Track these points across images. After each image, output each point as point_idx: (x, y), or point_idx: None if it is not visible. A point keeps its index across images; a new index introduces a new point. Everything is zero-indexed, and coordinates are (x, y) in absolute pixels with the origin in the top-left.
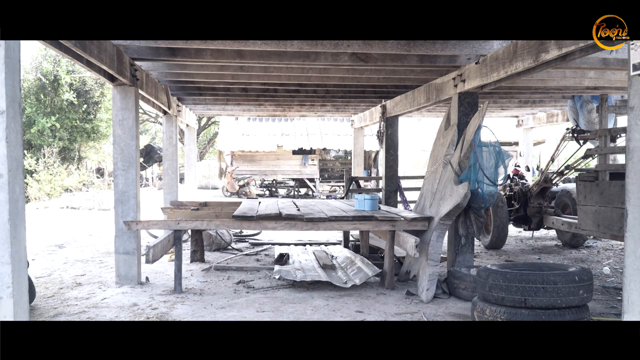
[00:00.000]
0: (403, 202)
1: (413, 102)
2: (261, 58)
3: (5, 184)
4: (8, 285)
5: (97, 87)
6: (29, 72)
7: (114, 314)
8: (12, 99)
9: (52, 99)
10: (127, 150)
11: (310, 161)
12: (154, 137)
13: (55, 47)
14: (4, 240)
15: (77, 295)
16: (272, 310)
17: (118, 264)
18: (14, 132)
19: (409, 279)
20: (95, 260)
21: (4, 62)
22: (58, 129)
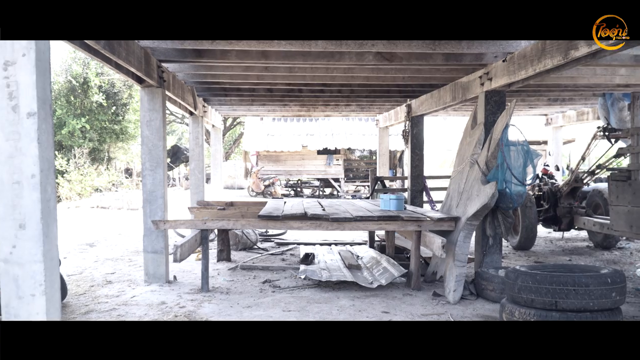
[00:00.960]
0: (429, 202)
1: (439, 101)
2: (286, 58)
3: (37, 184)
4: (40, 283)
5: (126, 89)
6: (59, 74)
7: (143, 311)
8: (43, 101)
9: (82, 100)
10: (154, 150)
11: (335, 161)
12: (180, 138)
13: (84, 49)
14: (37, 238)
15: (108, 293)
16: (298, 310)
17: (147, 263)
18: (45, 134)
19: (435, 280)
20: (124, 259)
21: (35, 65)
22: (88, 130)
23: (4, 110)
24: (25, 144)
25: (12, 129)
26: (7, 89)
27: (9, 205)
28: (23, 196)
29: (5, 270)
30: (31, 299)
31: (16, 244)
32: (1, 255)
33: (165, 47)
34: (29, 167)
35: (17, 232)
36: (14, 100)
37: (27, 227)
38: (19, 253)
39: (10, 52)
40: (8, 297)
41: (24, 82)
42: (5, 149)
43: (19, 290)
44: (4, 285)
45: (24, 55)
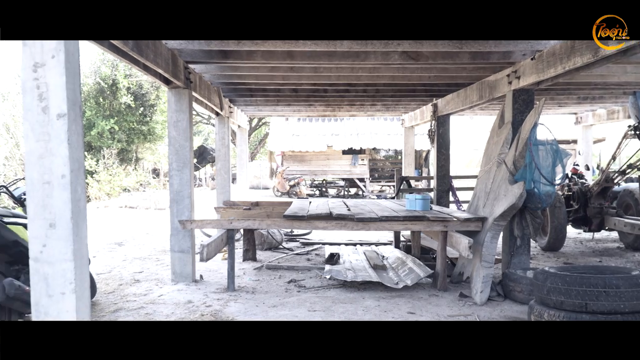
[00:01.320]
0: (455, 202)
1: (465, 100)
2: (311, 58)
3: (67, 184)
4: (71, 282)
5: (153, 90)
6: (89, 76)
7: (170, 310)
8: (72, 102)
9: (110, 102)
10: (181, 151)
11: (360, 161)
12: (206, 138)
13: (113, 51)
14: (67, 238)
15: (136, 292)
16: (323, 310)
17: (173, 262)
18: (75, 135)
19: (462, 281)
20: (152, 258)
21: (64, 67)
22: (116, 131)
23: (34, 112)
24: (56, 144)
25: (42, 130)
26: (37, 90)
27: (40, 205)
28: (53, 196)
29: (35, 269)
30: (61, 297)
31: (46, 243)
32: (32, 254)
33: (192, 48)
34: (59, 168)
35: (48, 232)
36: (44, 101)
37: (57, 226)
38: (49, 252)
39: (39, 53)
40: (38, 295)
41: (54, 84)
42: (36, 150)
43: (49, 289)
44: (34, 283)
45: (53, 57)
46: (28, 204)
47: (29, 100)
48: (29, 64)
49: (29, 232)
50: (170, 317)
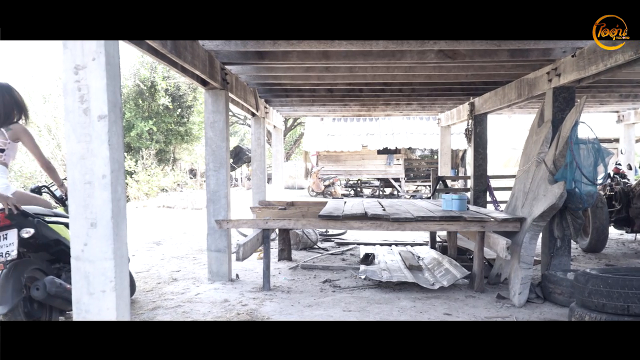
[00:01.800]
0: (493, 202)
1: (503, 98)
2: (346, 58)
3: (108, 184)
4: (111, 280)
5: (190, 92)
6: (128, 78)
7: (207, 309)
8: (113, 104)
9: (149, 104)
10: (218, 151)
11: (395, 161)
12: (242, 139)
13: (152, 54)
14: (108, 237)
15: (173, 290)
16: (358, 310)
17: (210, 261)
18: (116, 136)
19: (499, 282)
20: (189, 257)
21: (105, 69)
22: (155, 132)
23: (76, 113)
24: (97, 145)
25: (83, 132)
26: (78, 92)
27: (81, 205)
28: (94, 196)
29: (77, 267)
30: (102, 295)
31: (88, 242)
32: (73, 253)
33: (228, 49)
34: (100, 168)
35: (89, 231)
36: (85, 103)
37: (98, 225)
38: (90, 250)
39: (80, 56)
40: (79, 293)
41: (95, 86)
42: (78, 151)
43: (90, 287)
44: (75, 281)
45: (93, 59)
46: (70, 203)
47: (71, 102)
48: (70, 67)
49: (71, 231)
50: (207, 315)
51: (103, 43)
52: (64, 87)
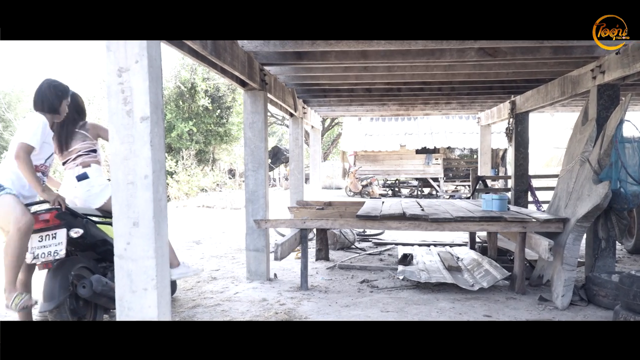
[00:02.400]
0: (534, 202)
1: (546, 96)
2: (385, 57)
3: (150, 184)
4: (152, 278)
5: (229, 93)
6: (169, 80)
7: (245, 307)
8: (155, 106)
9: (189, 105)
10: (256, 152)
11: (434, 160)
12: (280, 139)
13: (193, 56)
14: (149, 236)
15: (213, 289)
16: (396, 311)
17: (249, 261)
18: (157, 137)
19: (541, 284)
20: (228, 256)
21: (147, 71)
22: (195, 133)
23: (119, 115)
24: (139, 146)
25: (126, 133)
26: (121, 94)
27: (124, 205)
28: (137, 196)
29: (120, 266)
30: (144, 293)
31: (130, 240)
32: (117, 251)
33: (267, 50)
34: (142, 169)
35: (131, 230)
36: (129, 105)
37: (140, 225)
38: (132, 249)
39: (123, 59)
40: (122, 291)
41: (137, 88)
42: (121, 152)
43: (133, 285)
44: (118, 279)
45: (136, 62)
46: (113, 203)
47: (114, 103)
48: (114, 69)
49: (115, 230)
50: (245, 314)
51: (145, 46)
52: (107, 90)
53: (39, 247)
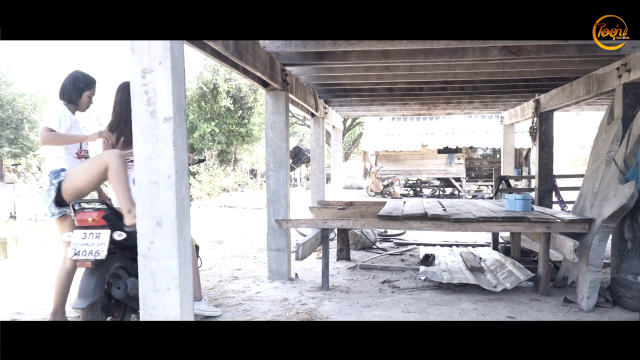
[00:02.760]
0: (559, 202)
1: (570, 95)
2: (406, 57)
3: (173, 184)
4: (175, 277)
5: (251, 93)
6: (192, 81)
7: (267, 307)
8: (178, 107)
9: (211, 105)
10: (278, 152)
11: (456, 160)
12: (301, 139)
13: (215, 56)
14: (172, 235)
15: (234, 288)
16: (418, 312)
17: (270, 260)
18: (180, 137)
19: (566, 285)
20: (249, 256)
21: (170, 72)
22: (217, 133)
23: (143, 116)
24: (162, 147)
25: (150, 133)
26: (145, 95)
27: (148, 204)
28: (160, 196)
29: (143, 265)
30: (167, 292)
31: (153, 240)
32: (140, 251)
33: (288, 50)
34: (165, 169)
35: (155, 229)
36: (152, 106)
37: (163, 224)
38: (156, 248)
39: (147, 60)
40: (145, 290)
41: (161, 89)
42: (144, 152)
43: (156, 284)
44: (142, 278)
45: (160, 63)
46: (137, 203)
47: (138, 104)
48: (138, 70)
49: (139, 230)
50: (266, 314)
51: (169, 47)
52: (132, 91)
53: (81, 244)
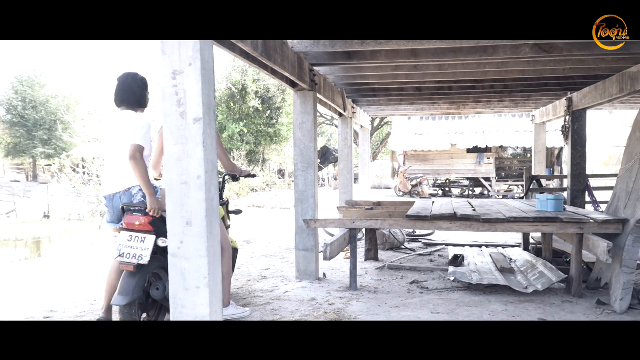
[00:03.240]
0: (592, 202)
1: (604, 93)
2: (436, 56)
3: (202, 184)
4: (205, 276)
5: (279, 94)
6: (221, 82)
7: (295, 307)
8: (207, 107)
9: (240, 106)
10: (306, 152)
11: (485, 159)
12: (329, 139)
13: (244, 57)
14: (202, 235)
15: (263, 288)
16: (447, 313)
17: (298, 260)
18: (210, 138)
19: (599, 287)
20: (277, 256)
21: (200, 74)
22: (245, 133)
23: (173, 117)
24: (192, 147)
25: (180, 134)
26: (175, 96)
27: (178, 204)
28: (190, 196)
29: (174, 264)
30: (196, 291)
31: (183, 239)
32: (171, 250)
33: (317, 50)
34: (195, 169)
35: (185, 229)
36: (182, 107)
37: (193, 224)
38: (185, 248)
39: (177, 62)
40: (176, 289)
41: (191, 90)
42: (175, 152)
43: (186, 283)
44: (172, 278)
45: (190, 64)
46: (167, 203)
47: (169, 106)
48: (169, 72)
49: (169, 230)
50: (294, 314)
51: (199, 48)
52: (162, 92)
53: (126, 246)
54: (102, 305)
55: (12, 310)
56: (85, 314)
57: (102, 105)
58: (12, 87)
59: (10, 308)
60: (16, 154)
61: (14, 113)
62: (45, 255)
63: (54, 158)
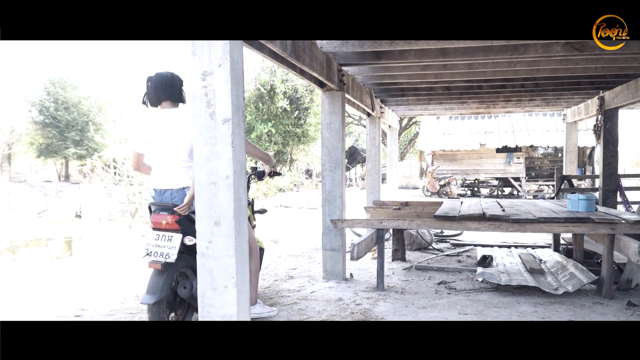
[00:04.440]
0: (624, 203)
1: (636, 92)
2: (465, 55)
3: (231, 184)
4: (232, 276)
5: (307, 94)
6: (249, 83)
7: (322, 307)
8: (236, 108)
9: (268, 106)
10: (334, 152)
11: (515, 159)
12: (357, 139)
13: (273, 58)
14: (230, 234)
15: (290, 288)
16: (475, 314)
17: (325, 260)
18: (238, 138)
19: (630, 288)
20: (304, 255)
21: (230, 74)
22: (273, 134)
23: (203, 117)
24: (221, 147)
25: (209, 134)
26: (205, 97)
27: (207, 204)
28: (218, 196)
29: (202, 264)
30: (224, 290)
31: (212, 239)
32: (199, 250)
33: (345, 50)
34: (223, 169)
35: (213, 229)
36: (212, 107)
37: (221, 224)
38: (214, 247)
39: (207, 63)
40: (204, 288)
41: (220, 91)
42: (204, 153)
43: (214, 282)
44: (200, 277)
45: (219, 65)
46: (196, 203)
47: (198, 106)
48: (198, 73)
49: (197, 229)
50: (321, 313)
51: (228, 49)
52: (192, 93)
53: (153, 245)
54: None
55: (44, 309)
56: (115, 312)
57: (132, 106)
58: (44, 89)
59: (42, 306)
60: (48, 154)
61: (46, 114)
62: (76, 254)
63: (86, 159)
